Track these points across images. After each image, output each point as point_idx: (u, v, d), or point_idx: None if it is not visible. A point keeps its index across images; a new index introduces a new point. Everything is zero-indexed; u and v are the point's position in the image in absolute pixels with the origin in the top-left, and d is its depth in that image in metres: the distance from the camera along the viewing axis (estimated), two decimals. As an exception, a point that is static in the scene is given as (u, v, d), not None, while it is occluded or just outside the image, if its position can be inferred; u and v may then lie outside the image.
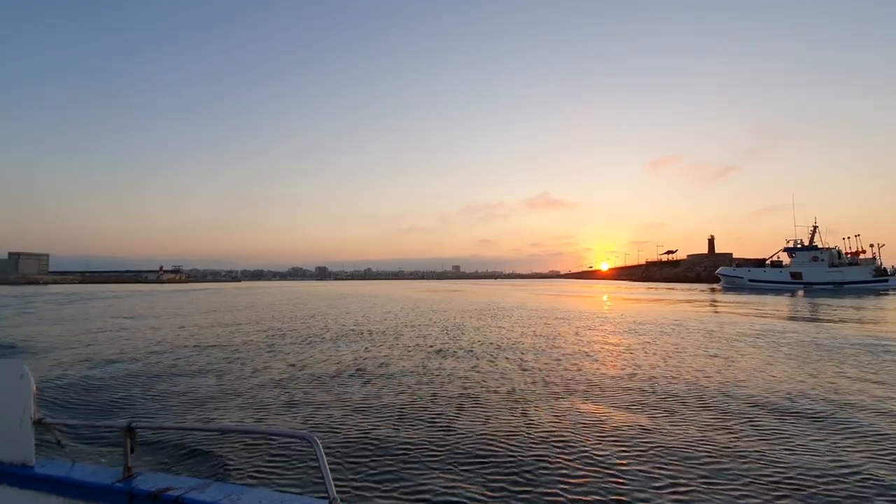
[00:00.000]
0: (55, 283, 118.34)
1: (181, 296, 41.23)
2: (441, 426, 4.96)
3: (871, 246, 47.09)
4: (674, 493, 3.40)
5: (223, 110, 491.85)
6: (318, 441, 1.38)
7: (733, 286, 53.52)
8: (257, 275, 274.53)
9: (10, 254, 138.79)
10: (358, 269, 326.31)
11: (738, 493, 3.40)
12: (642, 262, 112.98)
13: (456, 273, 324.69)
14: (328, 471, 1.32)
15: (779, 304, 25.08)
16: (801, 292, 40.27)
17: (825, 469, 3.78)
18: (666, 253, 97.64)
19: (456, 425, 4.96)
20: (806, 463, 3.89)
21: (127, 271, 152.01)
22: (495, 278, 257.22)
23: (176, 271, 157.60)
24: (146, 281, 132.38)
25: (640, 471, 3.76)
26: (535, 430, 4.77)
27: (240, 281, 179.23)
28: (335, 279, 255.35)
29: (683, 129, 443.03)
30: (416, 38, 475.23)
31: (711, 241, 75.81)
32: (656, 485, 3.52)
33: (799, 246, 50.23)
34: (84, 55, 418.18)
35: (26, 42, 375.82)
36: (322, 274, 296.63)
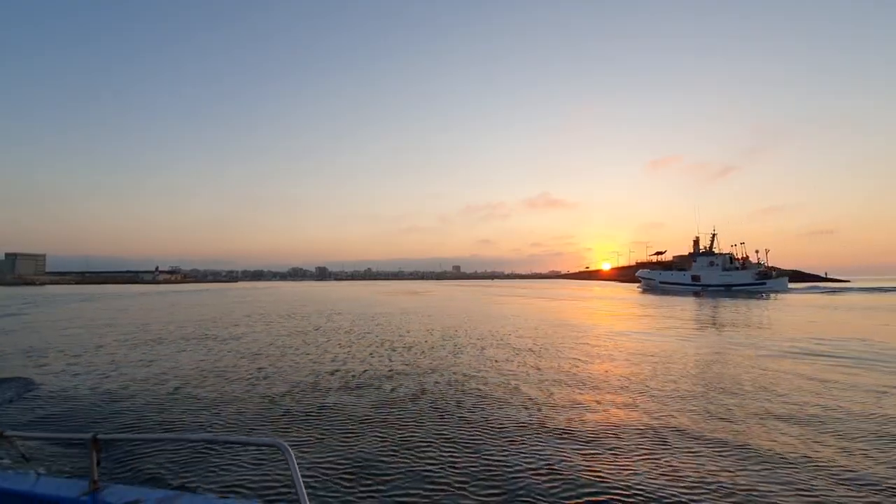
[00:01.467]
0: (52, 283, 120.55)
1: (130, 300, 41.40)
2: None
3: (757, 252, 54.52)
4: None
5: (223, 110, 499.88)
6: (290, 448, 1.34)
7: (649, 287, 58.88)
8: (258, 275, 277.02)
9: (7, 254, 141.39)
10: (358, 269, 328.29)
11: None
12: (633, 262, 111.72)
13: (456, 273, 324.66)
14: (300, 479, 1.29)
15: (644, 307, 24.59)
16: (701, 293, 45.55)
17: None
18: (655, 254, 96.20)
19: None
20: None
21: (126, 272, 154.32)
22: (493, 279, 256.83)
23: (173, 272, 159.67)
24: (142, 281, 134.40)
25: None
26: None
27: (237, 281, 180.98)
28: (335, 279, 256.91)
29: (683, 129, 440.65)
30: (416, 38, 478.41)
31: (696, 242, 74.79)
32: None
33: (698, 251, 56.48)
34: (84, 55, 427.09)
35: (26, 42, 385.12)
36: (322, 274, 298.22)
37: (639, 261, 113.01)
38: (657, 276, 60.02)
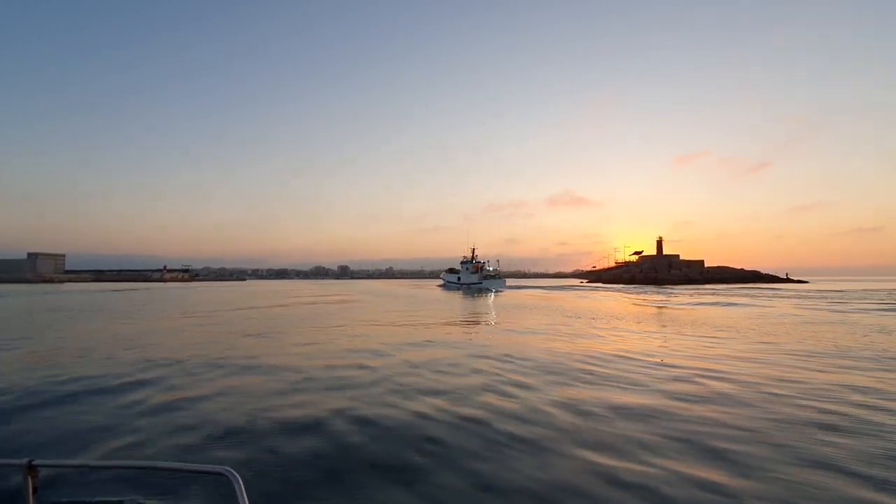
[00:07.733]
0: (70, 281, 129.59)
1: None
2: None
3: (488, 261, 72.62)
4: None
5: (243, 111, 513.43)
6: (238, 476, 1.28)
7: (445, 286, 71.66)
8: (282, 273, 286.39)
9: (29, 254, 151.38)
10: (380, 267, 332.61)
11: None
12: (621, 262, 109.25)
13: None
14: None
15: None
16: (461, 289, 61.17)
17: None
18: (634, 253, 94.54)
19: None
20: None
21: (139, 270, 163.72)
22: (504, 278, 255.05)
23: (185, 271, 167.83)
24: (150, 279, 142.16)
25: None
26: None
27: (245, 280, 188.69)
28: (354, 278, 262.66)
29: (714, 123, 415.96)
30: (436, 36, 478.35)
31: (660, 243, 73.24)
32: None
33: (464, 260, 74.19)
34: (108, 57, 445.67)
35: (47, 46, 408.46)
36: (343, 272, 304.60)
37: (620, 261, 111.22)
38: (446, 277, 76.98)
